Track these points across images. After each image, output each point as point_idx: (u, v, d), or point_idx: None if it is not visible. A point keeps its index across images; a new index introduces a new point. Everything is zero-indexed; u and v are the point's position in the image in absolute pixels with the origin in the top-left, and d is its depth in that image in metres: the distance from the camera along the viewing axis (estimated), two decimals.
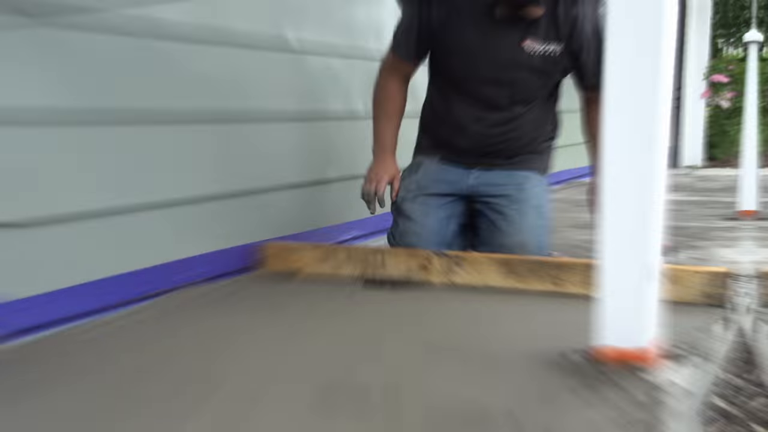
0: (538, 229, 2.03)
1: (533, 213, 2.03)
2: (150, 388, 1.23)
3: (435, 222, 2.07)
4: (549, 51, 1.92)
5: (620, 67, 1.22)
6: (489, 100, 1.99)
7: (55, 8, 1.57)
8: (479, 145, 2.05)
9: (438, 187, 2.10)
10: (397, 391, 1.20)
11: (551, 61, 1.93)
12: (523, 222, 2.01)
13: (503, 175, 2.08)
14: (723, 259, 2.25)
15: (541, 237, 2.03)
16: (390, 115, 2.06)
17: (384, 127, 2.06)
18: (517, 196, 2.04)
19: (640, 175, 1.23)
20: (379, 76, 2.08)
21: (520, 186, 2.05)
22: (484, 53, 1.92)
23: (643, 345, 1.26)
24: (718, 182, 4.65)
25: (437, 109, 2.08)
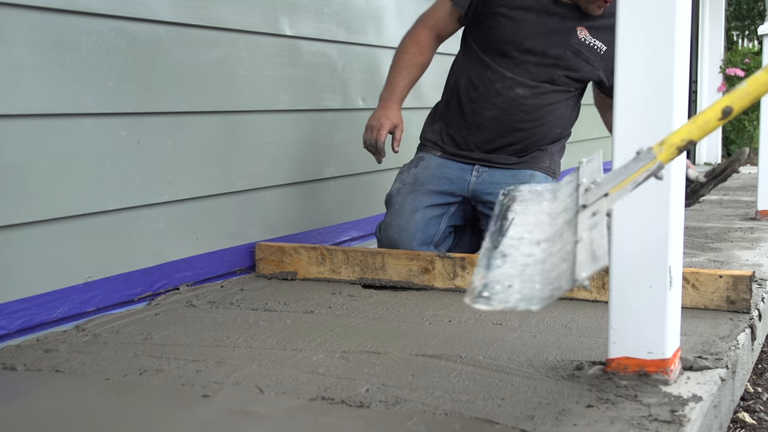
0: None
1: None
2: (143, 391, 1.20)
3: (422, 219, 2.04)
4: (596, 45, 2.00)
5: (633, 59, 1.16)
6: (529, 72, 2.00)
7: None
8: (500, 122, 2.01)
9: (437, 183, 2.06)
10: (397, 403, 1.13)
11: (595, 53, 2.01)
12: None
13: (506, 175, 2.05)
14: (745, 262, 2.15)
15: None
16: (411, 64, 2.02)
17: (399, 75, 2.02)
18: None
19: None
20: (414, 26, 2.07)
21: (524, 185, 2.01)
22: (540, 23, 1.98)
23: (663, 356, 1.18)
24: (737, 180, 4.57)
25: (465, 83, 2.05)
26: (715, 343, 1.40)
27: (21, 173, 1.52)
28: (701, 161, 6.09)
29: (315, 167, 2.31)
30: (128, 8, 1.70)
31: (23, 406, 1.18)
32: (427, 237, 2.05)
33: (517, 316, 1.64)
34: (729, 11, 7.28)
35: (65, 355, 1.41)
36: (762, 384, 1.77)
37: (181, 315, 1.68)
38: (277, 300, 1.80)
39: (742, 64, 6.11)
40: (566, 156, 4.36)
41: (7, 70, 1.48)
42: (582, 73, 2.03)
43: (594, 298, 1.73)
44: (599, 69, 2.04)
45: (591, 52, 2.01)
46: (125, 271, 1.74)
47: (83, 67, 1.62)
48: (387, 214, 2.09)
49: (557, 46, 1.98)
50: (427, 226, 2.04)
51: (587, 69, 2.03)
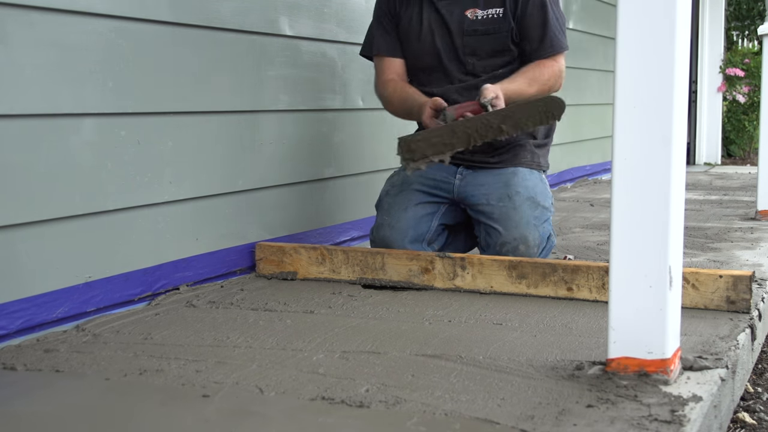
0: (535, 220, 1.98)
1: (527, 205, 1.98)
2: (143, 391, 1.20)
3: (412, 217, 2.05)
4: (491, 13, 2.01)
5: (633, 59, 1.15)
6: (457, 72, 2.04)
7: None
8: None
9: (424, 184, 2.06)
10: (397, 403, 1.13)
11: (495, 21, 2.01)
12: (517, 216, 1.97)
13: (489, 176, 2.05)
14: (745, 262, 2.15)
15: (540, 227, 1.99)
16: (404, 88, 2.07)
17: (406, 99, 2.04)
18: (506, 192, 2.00)
19: (657, 174, 1.15)
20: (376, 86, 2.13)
21: (507, 182, 2.02)
22: (438, 27, 2.03)
23: (664, 355, 1.18)
24: (736, 180, 4.56)
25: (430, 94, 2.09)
26: (715, 343, 1.40)
27: (21, 173, 1.52)
28: (701, 161, 6.09)
29: (315, 167, 2.30)
30: (128, 8, 1.70)
31: (23, 406, 1.18)
32: (418, 234, 2.05)
33: (517, 316, 1.64)
34: (729, 11, 7.27)
35: (65, 355, 1.41)
36: (762, 384, 1.77)
37: (181, 315, 1.68)
38: (277, 300, 1.80)
39: (742, 64, 6.11)
40: (567, 156, 4.32)
41: (7, 70, 1.48)
42: (493, 40, 2.01)
43: (594, 298, 1.73)
44: (503, 31, 2.00)
45: (489, 22, 2.00)
46: (125, 271, 1.74)
47: (83, 67, 1.62)
48: (378, 215, 2.10)
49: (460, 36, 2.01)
50: (418, 223, 2.05)
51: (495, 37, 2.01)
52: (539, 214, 1.99)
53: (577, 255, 2.26)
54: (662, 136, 1.14)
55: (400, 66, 2.10)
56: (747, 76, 6.03)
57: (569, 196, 3.74)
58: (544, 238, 1.99)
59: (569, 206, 3.39)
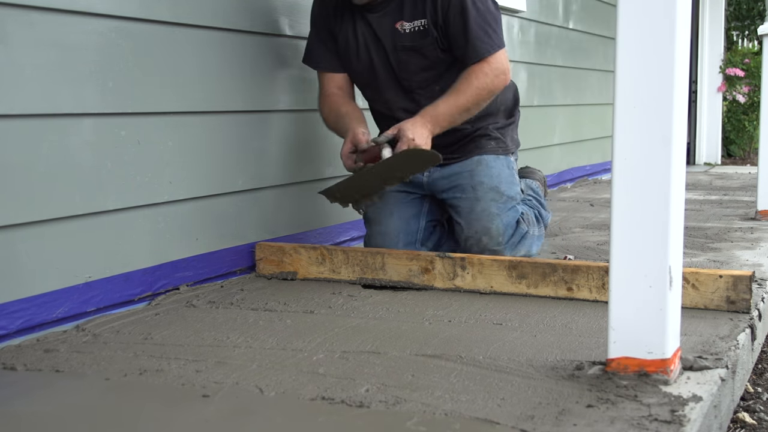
0: (498, 209, 1.99)
1: (489, 196, 1.99)
2: (143, 391, 1.20)
3: (400, 221, 2.06)
4: (416, 26, 1.94)
5: (632, 59, 1.15)
6: (397, 89, 2.01)
7: None
8: None
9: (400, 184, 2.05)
10: (397, 403, 1.13)
11: (420, 34, 1.94)
12: (478, 208, 1.98)
13: (455, 168, 2.05)
14: (745, 262, 2.15)
15: (504, 216, 1.99)
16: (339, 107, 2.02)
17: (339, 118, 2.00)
18: (470, 183, 2.01)
19: (657, 174, 1.15)
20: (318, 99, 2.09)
21: (471, 172, 2.02)
22: (374, 47, 1.98)
23: (664, 355, 1.18)
24: (736, 180, 4.56)
25: (375, 113, 2.13)
26: (715, 343, 1.40)
27: (21, 173, 1.52)
28: (701, 161, 6.09)
29: (315, 167, 2.30)
30: (128, 8, 1.70)
31: (23, 406, 1.18)
32: (410, 236, 2.07)
33: (517, 316, 1.64)
34: (729, 11, 7.27)
35: (65, 355, 1.41)
36: (762, 384, 1.77)
37: (181, 315, 1.68)
38: (277, 300, 1.80)
39: (742, 64, 6.10)
40: (567, 156, 4.31)
41: (7, 70, 1.48)
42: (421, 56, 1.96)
43: (594, 298, 1.73)
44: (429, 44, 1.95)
45: (416, 36, 1.93)
46: (125, 271, 1.74)
47: (83, 67, 1.62)
48: (366, 226, 2.12)
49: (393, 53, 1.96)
50: (407, 224, 2.06)
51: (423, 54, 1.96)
52: (503, 203, 2.00)
53: (577, 255, 2.26)
54: (662, 136, 1.14)
55: (342, 79, 2.05)
56: (747, 76, 6.03)
57: (569, 196, 3.74)
58: (510, 226, 2.00)
59: (569, 206, 3.39)
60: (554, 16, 3.94)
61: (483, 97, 1.92)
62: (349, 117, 1.96)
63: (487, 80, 1.91)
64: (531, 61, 3.68)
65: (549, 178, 3.96)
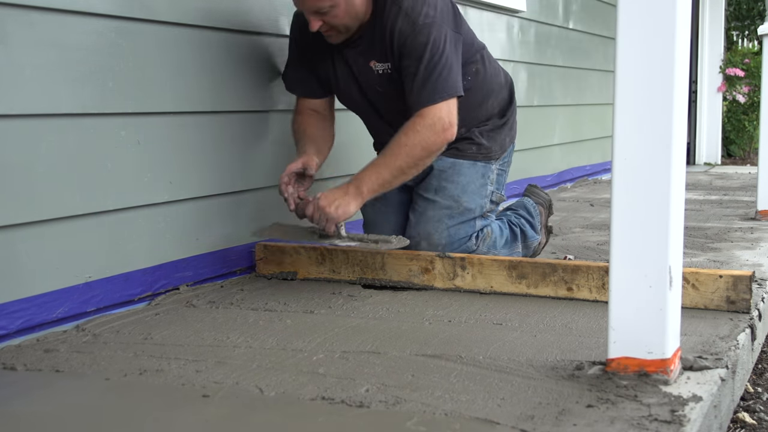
0: (449, 220, 1.94)
1: (446, 203, 1.94)
2: (143, 391, 1.20)
3: (396, 222, 2.06)
4: (385, 69, 1.88)
5: (632, 59, 1.15)
6: (379, 120, 2.00)
7: None
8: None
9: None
10: (397, 403, 1.13)
11: (391, 79, 1.88)
12: (429, 212, 1.95)
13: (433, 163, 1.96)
14: (745, 262, 2.15)
15: (453, 228, 1.94)
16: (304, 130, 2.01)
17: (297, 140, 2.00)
18: (434, 185, 1.97)
19: (657, 174, 1.15)
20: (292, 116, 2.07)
21: (440, 174, 1.97)
22: (352, 80, 1.95)
23: (663, 355, 1.18)
24: (736, 180, 4.57)
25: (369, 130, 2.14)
26: (715, 343, 1.40)
27: (21, 173, 1.52)
28: (701, 161, 6.09)
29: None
30: (128, 8, 1.70)
31: (23, 406, 1.18)
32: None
33: (517, 316, 1.64)
34: (729, 11, 7.28)
35: (65, 355, 1.41)
36: (762, 384, 1.77)
37: (181, 315, 1.68)
38: (277, 300, 1.80)
39: (742, 64, 6.10)
40: (567, 156, 4.30)
41: (7, 70, 1.48)
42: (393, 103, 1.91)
43: (594, 298, 1.73)
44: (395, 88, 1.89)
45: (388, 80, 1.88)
46: (125, 271, 1.74)
47: (83, 67, 1.62)
48: (364, 229, 2.11)
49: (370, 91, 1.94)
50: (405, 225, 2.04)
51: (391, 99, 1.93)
52: (458, 214, 1.95)
53: (577, 255, 2.26)
54: (662, 136, 1.14)
55: (317, 103, 2.02)
56: (747, 76, 6.03)
57: (569, 196, 3.74)
58: (457, 238, 1.94)
59: (569, 206, 3.39)
60: (554, 16, 3.94)
61: (418, 155, 1.77)
62: (310, 141, 1.93)
63: (419, 137, 1.77)
64: (531, 61, 3.68)
65: (549, 178, 3.96)
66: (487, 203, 2.03)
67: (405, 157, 1.77)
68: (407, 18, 1.79)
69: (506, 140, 2.10)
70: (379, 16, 1.83)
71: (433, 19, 1.79)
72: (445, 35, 1.80)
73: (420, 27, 1.79)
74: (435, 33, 1.79)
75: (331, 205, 1.75)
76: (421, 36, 1.78)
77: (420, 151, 1.78)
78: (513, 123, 2.15)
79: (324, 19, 1.79)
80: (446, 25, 1.83)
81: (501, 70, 2.13)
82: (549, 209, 2.28)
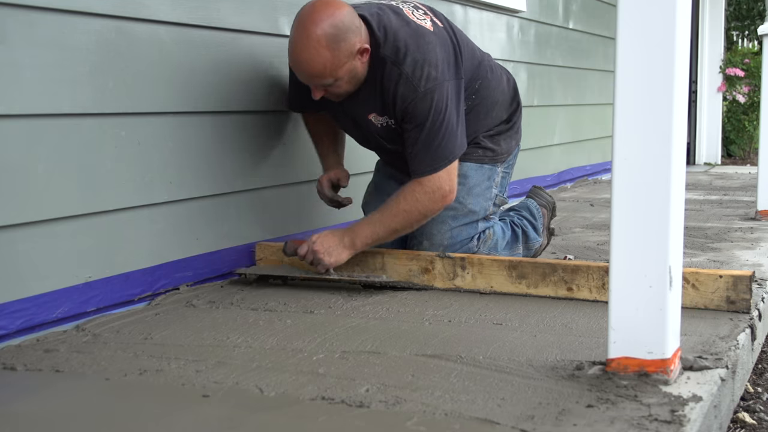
0: (452, 221, 1.95)
1: (451, 204, 1.92)
2: (143, 391, 1.20)
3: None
4: (389, 123, 1.90)
5: (633, 59, 1.15)
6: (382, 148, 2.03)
7: None
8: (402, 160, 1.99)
9: (389, 185, 2.05)
10: (397, 403, 1.13)
11: (393, 131, 1.91)
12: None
13: None
14: (745, 262, 2.15)
15: (456, 230, 1.95)
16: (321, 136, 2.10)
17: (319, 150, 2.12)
18: None
19: (657, 174, 1.15)
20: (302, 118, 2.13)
21: None
22: (351, 122, 1.97)
23: (663, 355, 1.18)
24: (736, 180, 4.57)
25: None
26: (715, 343, 1.40)
27: (21, 173, 1.52)
28: (701, 161, 6.09)
29: (315, 167, 2.30)
30: (128, 8, 1.70)
31: (23, 406, 1.18)
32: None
33: (517, 316, 1.63)
34: (729, 11, 7.28)
35: (65, 355, 1.41)
36: (762, 384, 1.77)
37: (181, 315, 1.68)
38: (277, 300, 1.80)
39: (742, 64, 6.11)
40: (567, 156, 4.31)
41: (7, 70, 1.48)
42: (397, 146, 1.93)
43: (594, 298, 1.73)
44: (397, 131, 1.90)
45: (390, 131, 1.91)
46: (125, 271, 1.74)
47: (83, 67, 1.62)
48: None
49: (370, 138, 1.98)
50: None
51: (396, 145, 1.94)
52: (462, 215, 1.96)
53: (577, 255, 2.26)
54: (662, 136, 1.14)
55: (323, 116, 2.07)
56: (747, 76, 6.03)
57: (569, 196, 3.74)
58: (459, 240, 1.95)
59: (569, 206, 3.39)
60: (554, 16, 3.94)
61: (414, 219, 1.84)
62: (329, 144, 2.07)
63: (418, 204, 1.82)
64: (531, 61, 3.68)
65: (549, 178, 3.96)
66: (491, 206, 2.04)
67: (402, 221, 1.84)
68: (408, 84, 1.78)
69: (512, 143, 2.11)
70: (378, 74, 1.82)
71: (434, 81, 1.78)
72: (447, 95, 1.81)
73: (422, 94, 1.78)
74: (437, 96, 1.78)
75: (325, 252, 1.83)
76: (423, 102, 1.78)
77: (417, 215, 1.84)
78: (519, 125, 2.15)
79: (327, 89, 1.82)
80: (448, 81, 1.81)
81: (504, 75, 2.11)
82: (552, 211, 2.28)
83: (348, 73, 1.78)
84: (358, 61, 1.78)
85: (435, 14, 1.94)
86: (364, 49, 1.77)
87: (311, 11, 1.74)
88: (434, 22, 1.89)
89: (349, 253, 1.85)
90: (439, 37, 1.84)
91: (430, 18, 1.89)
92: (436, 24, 1.89)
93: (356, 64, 1.78)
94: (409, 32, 1.81)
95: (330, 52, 1.72)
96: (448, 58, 1.85)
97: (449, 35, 1.89)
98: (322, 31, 1.71)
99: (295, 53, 1.76)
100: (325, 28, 1.71)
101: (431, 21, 1.88)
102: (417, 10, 1.91)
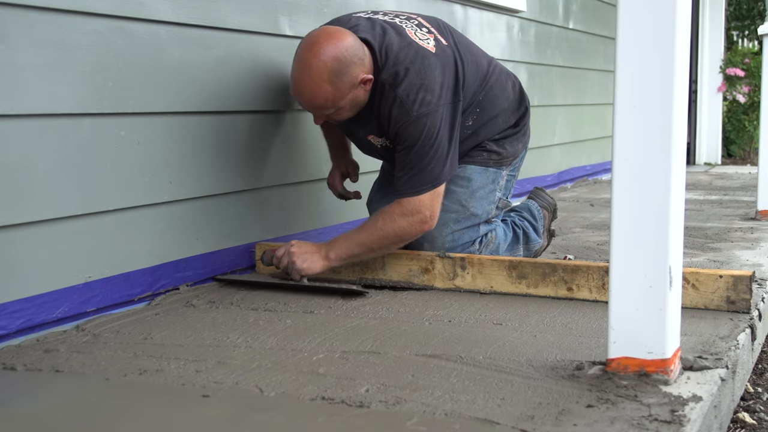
0: (454, 224, 1.93)
1: (453, 207, 1.93)
2: (143, 391, 1.20)
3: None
4: (386, 144, 1.91)
5: (632, 58, 1.15)
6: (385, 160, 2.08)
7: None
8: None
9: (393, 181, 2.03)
10: (397, 403, 1.13)
11: (391, 151, 1.90)
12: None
13: None
14: (745, 262, 2.15)
15: (458, 233, 1.94)
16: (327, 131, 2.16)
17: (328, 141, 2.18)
18: (447, 187, 1.94)
19: (657, 174, 1.15)
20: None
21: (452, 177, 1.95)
22: (354, 138, 2.02)
23: (664, 355, 1.18)
24: (736, 180, 4.57)
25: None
26: (715, 343, 1.40)
27: (21, 173, 1.52)
28: (701, 161, 6.09)
29: (315, 167, 2.30)
30: (128, 8, 1.70)
31: (23, 406, 1.19)
32: None
33: (517, 316, 1.64)
34: (729, 11, 7.28)
35: (65, 355, 1.41)
36: (762, 384, 1.77)
37: (181, 315, 1.68)
38: (277, 300, 1.80)
39: (742, 64, 6.10)
40: (567, 156, 4.32)
41: (7, 70, 1.48)
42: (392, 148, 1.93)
43: (594, 298, 1.73)
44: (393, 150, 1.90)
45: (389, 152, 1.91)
46: (125, 271, 1.74)
47: (83, 67, 1.62)
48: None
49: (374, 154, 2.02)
50: None
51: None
52: (464, 218, 1.95)
53: (577, 255, 2.26)
54: (662, 136, 1.14)
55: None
56: (747, 76, 6.03)
57: (569, 196, 3.74)
58: (460, 243, 1.94)
59: (569, 206, 3.39)
60: (554, 16, 3.94)
61: (391, 240, 1.81)
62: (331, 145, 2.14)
63: (394, 225, 1.80)
64: (531, 61, 3.68)
65: (549, 178, 3.96)
66: (494, 209, 2.03)
67: (377, 240, 1.82)
68: (402, 107, 1.77)
69: (519, 146, 2.09)
70: (376, 98, 1.82)
71: (428, 106, 1.76)
72: (441, 119, 1.79)
73: (414, 118, 1.76)
74: (430, 122, 1.77)
75: (300, 257, 1.84)
76: (414, 127, 1.77)
77: (393, 237, 1.82)
78: (526, 128, 2.13)
79: (329, 116, 1.82)
80: (444, 105, 1.79)
81: (509, 80, 2.08)
82: (553, 213, 2.27)
83: (350, 102, 1.79)
84: (361, 90, 1.78)
85: (440, 30, 1.92)
86: (367, 79, 1.77)
87: (314, 43, 1.72)
88: (438, 41, 1.86)
89: (323, 264, 1.85)
90: (440, 59, 1.82)
91: (434, 36, 1.87)
92: (440, 42, 1.86)
93: (358, 93, 1.79)
94: (410, 54, 1.79)
95: (332, 87, 1.72)
96: (448, 81, 1.82)
97: (453, 53, 1.87)
98: (324, 66, 1.70)
99: (296, 85, 1.75)
100: (328, 63, 1.70)
101: (434, 40, 1.86)
102: (421, 28, 1.88)
